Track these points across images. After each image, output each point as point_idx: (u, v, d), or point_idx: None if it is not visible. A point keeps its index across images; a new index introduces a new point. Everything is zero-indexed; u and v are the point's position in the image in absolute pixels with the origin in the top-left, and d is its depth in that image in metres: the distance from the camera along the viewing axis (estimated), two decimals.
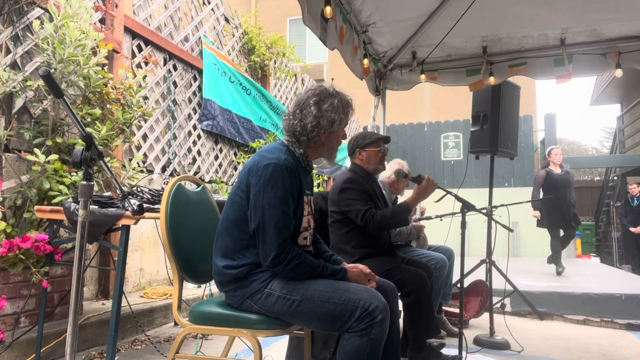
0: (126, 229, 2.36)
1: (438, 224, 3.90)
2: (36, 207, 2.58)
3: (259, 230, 1.65)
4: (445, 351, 2.80)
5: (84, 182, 1.39)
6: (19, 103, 3.06)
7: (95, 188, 3.21)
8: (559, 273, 5.86)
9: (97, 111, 3.27)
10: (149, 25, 4.44)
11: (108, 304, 3.43)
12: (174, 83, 4.82)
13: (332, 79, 10.78)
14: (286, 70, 7.18)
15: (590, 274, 6.01)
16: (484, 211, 3.08)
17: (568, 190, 6.11)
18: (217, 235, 1.79)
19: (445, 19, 3.58)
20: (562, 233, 6.18)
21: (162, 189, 2.92)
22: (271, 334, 1.71)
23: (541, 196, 6.20)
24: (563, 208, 6.04)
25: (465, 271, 3.10)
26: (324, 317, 1.63)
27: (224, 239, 1.75)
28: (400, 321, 2.83)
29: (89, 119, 3.23)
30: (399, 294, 2.58)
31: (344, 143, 2.17)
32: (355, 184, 2.61)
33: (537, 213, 6.30)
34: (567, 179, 6.20)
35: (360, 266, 1.84)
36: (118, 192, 1.93)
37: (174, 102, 4.79)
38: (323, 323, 1.65)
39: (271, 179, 1.65)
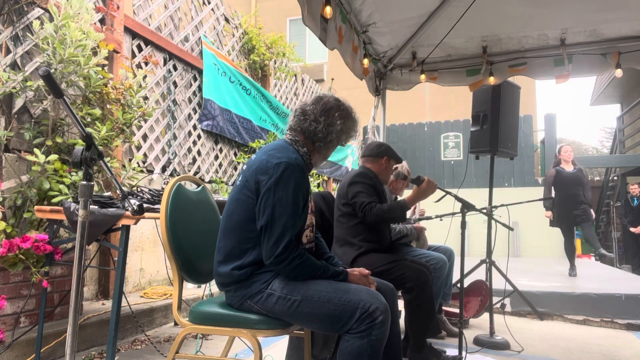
0: (126, 229, 2.36)
1: (438, 224, 3.90)
2: (36, 207, 2.58)
3: (267, 227, 1.64)
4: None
5: (84, 182, 1.39)
6: (19, 103, 3.06)
7: (95, 188, 3.21)
8: (571, 275, 5.67)
9: (97, 111, 3.27)
10: (149, 25, 4.44)
11: (108, 304, 3.43)
12: (174, 83, 4.82)
13: (332, 79, 10.77)
14: (286, 70, 7.18)
15: (590, 274, 6.00)
16: (484, 211, 3.08)
17: (581, 188, 5.77)
18: (220, 236, 1.77)
19: (445, 19, 3.58)
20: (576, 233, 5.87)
21: (162, 189, 2.92)
22: (271, 334, 1.71)
23: (553, 195, 5.89)
24: (574, 207, 5.73)
25: (465, 271, 3.09)
26: (324, 317, 1.63)
27: (229, 241, 1.73)
28: (401, 321, 2.83)
29: (89, 119, 3.23)
30: (400, 291, 2.59)
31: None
32: (366, 178, 2.74)
33: (549, 213, 6.03)
34: (578, 177, 5.84)
35: (360, 269, 1.85)
36: (118, 192, 1.93)
37: (174, 102, 4.79)
38: (323, 324, 1.66)
39: (283, 177, 1.65)
